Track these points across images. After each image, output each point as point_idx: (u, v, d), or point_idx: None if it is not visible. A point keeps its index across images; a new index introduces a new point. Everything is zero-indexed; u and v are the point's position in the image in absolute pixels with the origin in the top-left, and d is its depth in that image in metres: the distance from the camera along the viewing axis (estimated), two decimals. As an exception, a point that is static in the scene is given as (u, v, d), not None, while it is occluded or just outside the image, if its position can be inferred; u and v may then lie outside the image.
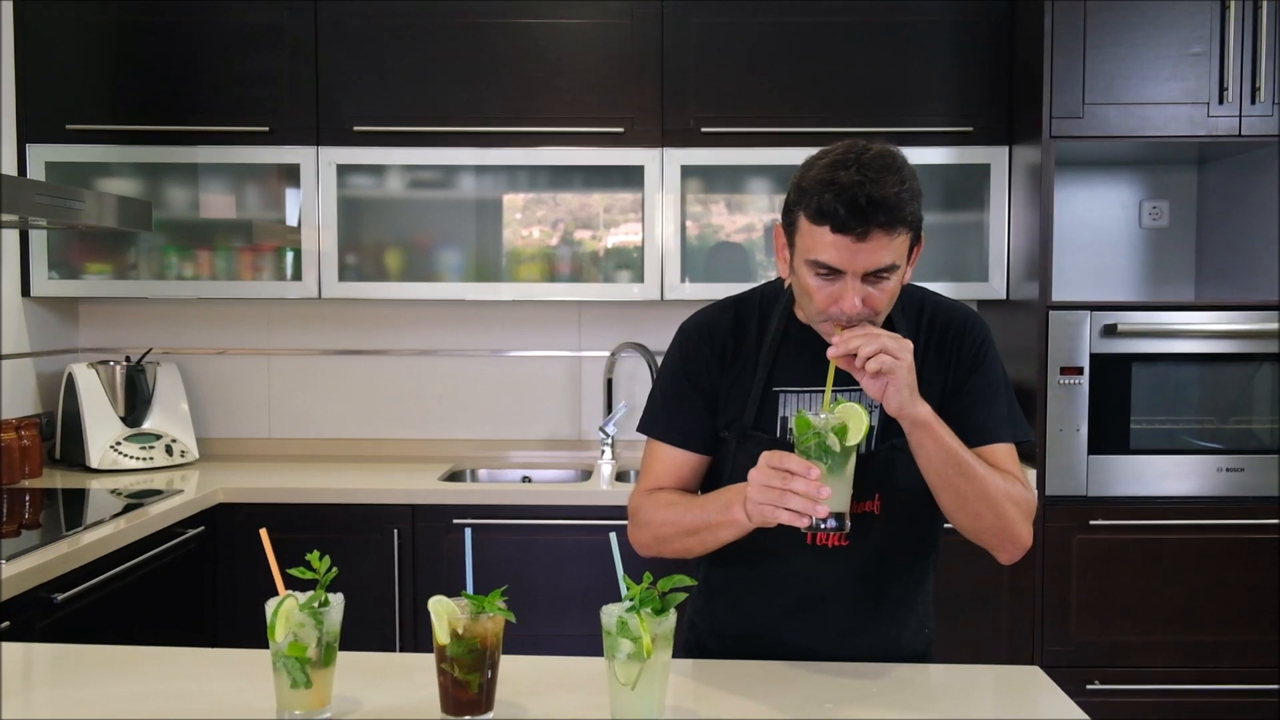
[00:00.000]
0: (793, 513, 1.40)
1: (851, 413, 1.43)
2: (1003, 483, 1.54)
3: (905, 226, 1.47)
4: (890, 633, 1.69)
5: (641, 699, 1.31)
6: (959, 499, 1.52)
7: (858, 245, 1.45)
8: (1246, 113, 3.01)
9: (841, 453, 1.43)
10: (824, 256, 1.47)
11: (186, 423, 3.48)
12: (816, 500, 1.38)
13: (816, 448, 1.42)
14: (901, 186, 1.44)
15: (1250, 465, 3.04)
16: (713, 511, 1.54)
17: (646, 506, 1.67)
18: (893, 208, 1.43)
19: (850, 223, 1.43)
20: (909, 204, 1.46)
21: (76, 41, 3.29)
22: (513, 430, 3.68)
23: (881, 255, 1.46)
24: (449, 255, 3.40)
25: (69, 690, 1.52)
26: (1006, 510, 1.54)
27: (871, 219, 1.43)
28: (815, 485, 1.38)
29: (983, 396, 1.63)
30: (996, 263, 3.30)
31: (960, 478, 1.50)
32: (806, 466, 1.39)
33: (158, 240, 3.37)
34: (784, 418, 1.64)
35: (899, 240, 1.47)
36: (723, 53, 3.28)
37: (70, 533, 2.42)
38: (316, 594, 1.32)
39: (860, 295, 1.48)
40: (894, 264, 1.48)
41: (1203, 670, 3.05)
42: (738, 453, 1.65)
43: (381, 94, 3.29)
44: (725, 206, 3.44)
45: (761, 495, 1.42)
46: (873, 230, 1.44)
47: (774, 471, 1.41)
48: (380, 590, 3.01)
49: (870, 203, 1.42)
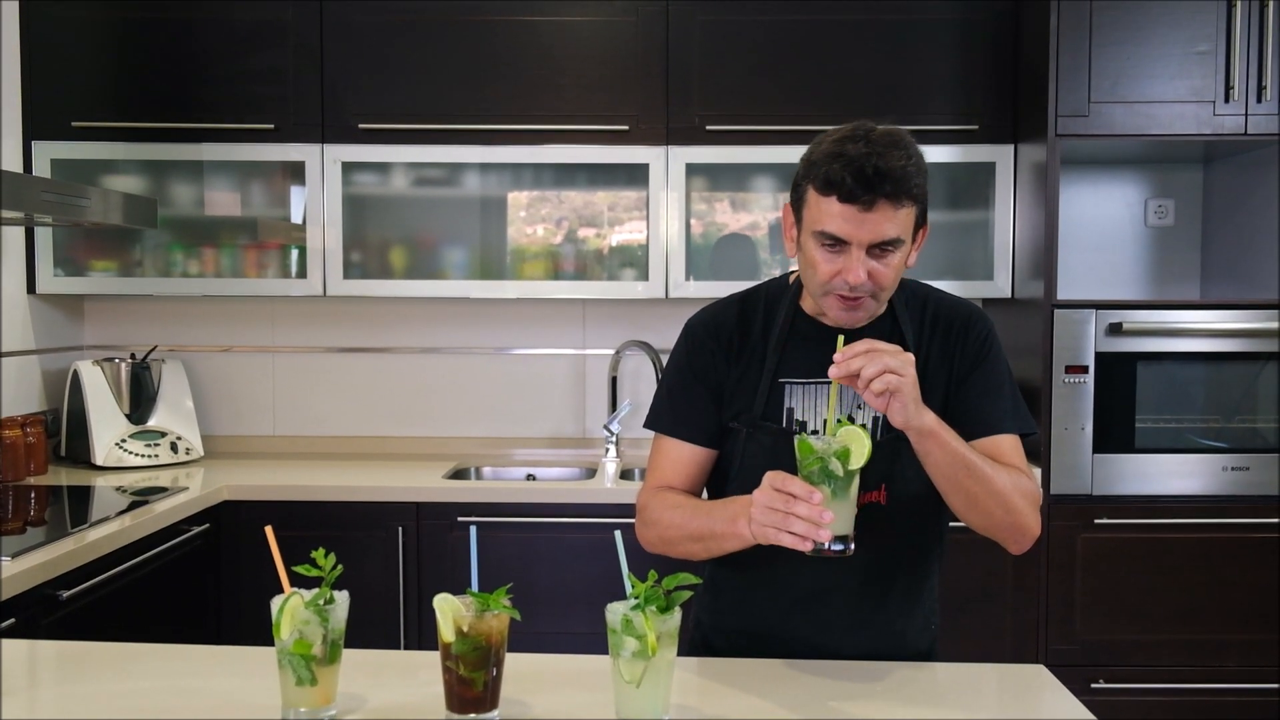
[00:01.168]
0: (796, 536, 1.40)
1: (854, 436, 1.42)
2: (1010, 478, 1.54)
3: (910, 199, 1.50)
4: (896, 626, 1.69)
5: (646, 697, 1.31)
6: (969, 500, 1.53)
7: (864, 216, 1.48)
8: (1252, 111, 3.00)
9: (844, 477, 1.42)
10: (830, 227, 1.50)
11: (191, 420, 3.48)
12: (819, 524, 1.38)
13: (819, 472, 1.42)
14: (908, 160, 1.48)
15: (1255, 464, 3.03)
16: (719, 521, 1.54)
17: (654, 505, 1.67)
18: (899, 179, 1.47)
19: (857, 191, 1.47)
20: (914, 177, 1.49)
21: (82, 39, 3.29)
22: (517, 428, 3.68)
23: (886, 227, 1.49)
24: (454, 253, 3.40)
25: (74, 686, 1.52)
26: (1016, 504, 1.54)
27: (878, 189, 1.46)
28: (818, 510, 1.38)
29: (987, 390, 1.64)
30: (1001, 261, 3.30)
31: (969, 479, 1.51)
32: (809, 491, 1.39)
33: (163, 238, 3.38)
34: (790, 408, 1.65)
35: (904, 213, 1.50)
36: (727, 51, 3.27)
37: (75, 530, 2.42)
38: (322, 591, 1.32)
39: (865, 268, 1.51)
40: (898, 238, 1.51)
41: (1208, 669, 3.05)
42: (748, 442, 1.66)
43: (387, 92, 3.29)
44: (730, 204, 3.44)
45: (765, 517, 1.42)
46: (879, 200, 1.47)
47: (777, 494, 1.41)
48: (385, 588, 3.02)
49: (877, 173, 1.46)
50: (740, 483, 1.67)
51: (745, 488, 1.65)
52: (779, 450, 1.62)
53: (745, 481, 1.66)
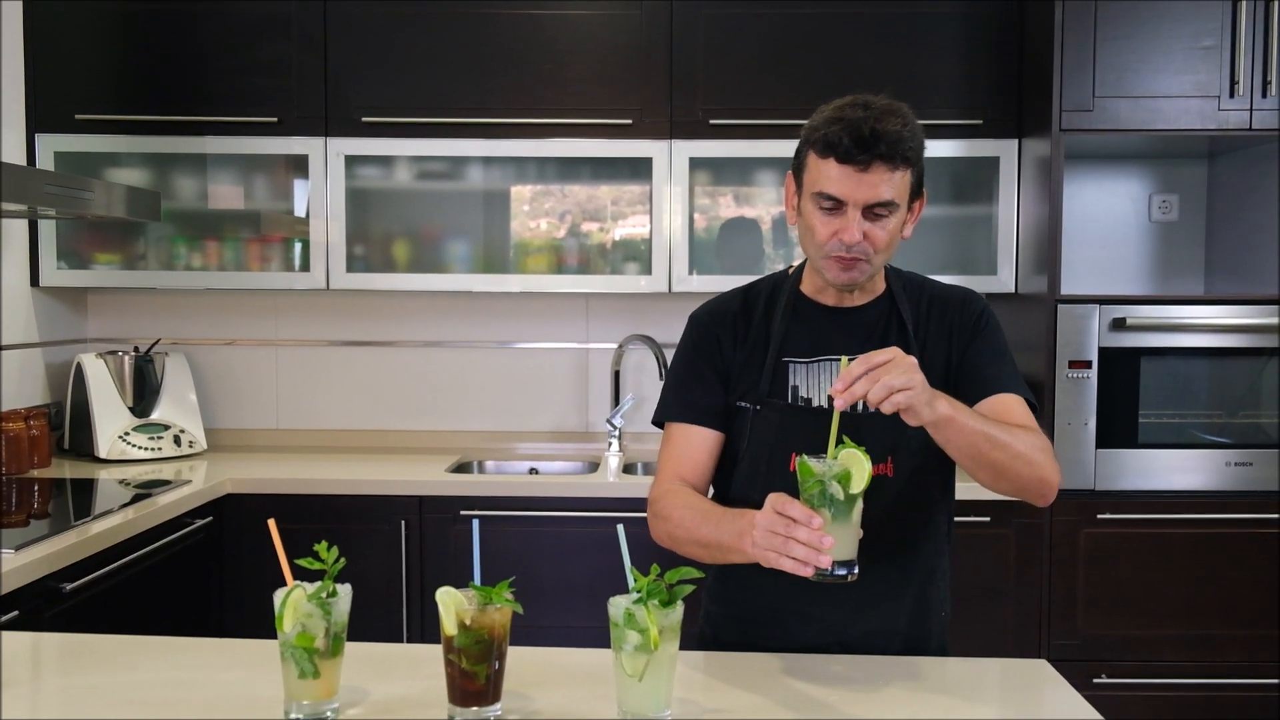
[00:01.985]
0: (796, 561, 1.38)
1: (854, 459, 1.40)
2: (1025, 436, 1.56)
3: (905, 163, 1.56)
4: (905, 603, 1.70)
5: (648, 691, 1.31)
6: (995, 469, 1.54)
7: (860, 176, 1.54)
8: (1257, 106, 2.99)
9: (845, 500, 1.39)
10: (829, 188, 1.57)
11: (195, 413, 3.49)
12: (819, 550, 1.36)
13: (819, 495, 1.40)
14: (903, 126, 1.55)
15: (1258, 459, 3.03)
16: (726, 533, 1.53)
17: (666, 500, 1.67)
18: (894, 141, 1.53)
19: (854, 152, 1.53)
20: (910, 140, 1.55)
21: (85, 31, 3.29)
22: (520, 422, 3.68)
23: (882, 189, 1.55)
24: (457, 246, 3.40)
25: (78, 679, 1.53)
26: (1037, 459, 1.56)
27: (873, 149, 1.53)
28: (818, 535, 1.36)
29: (990, 357, 1.69)
30: (1005, 256, 3.29)
31: (992, 450, 1.51)
32: (809, 515, 1.37)
33: (166, 230, 3.38)
34: (794, 386, 1.69)
35: (899, 176, 1.56)
36: (731, 45, 3.27)
37: (79, 522, 2.43)
38: (325, 585, 1.33)
39: (861, 229, 1.57)
40: (893, 200, 1.57)
41: (1210, 664, 3.04)
42: (755, 420, 1.69)
43: (390, 85, 3.29)
44: (733, 199, 3.44)
45: (765, 541, 1.41)
46: (875, 161, 1.54)
47: (778, 518, 1.39)
48: (387, 581, 3.02)
49: (874, 134, 1.52)
50: (749, 461, 1.70)
51: (754, 466, 1.68)
52: (786, 426, 1.66)
53: (753, 460, 1.69)
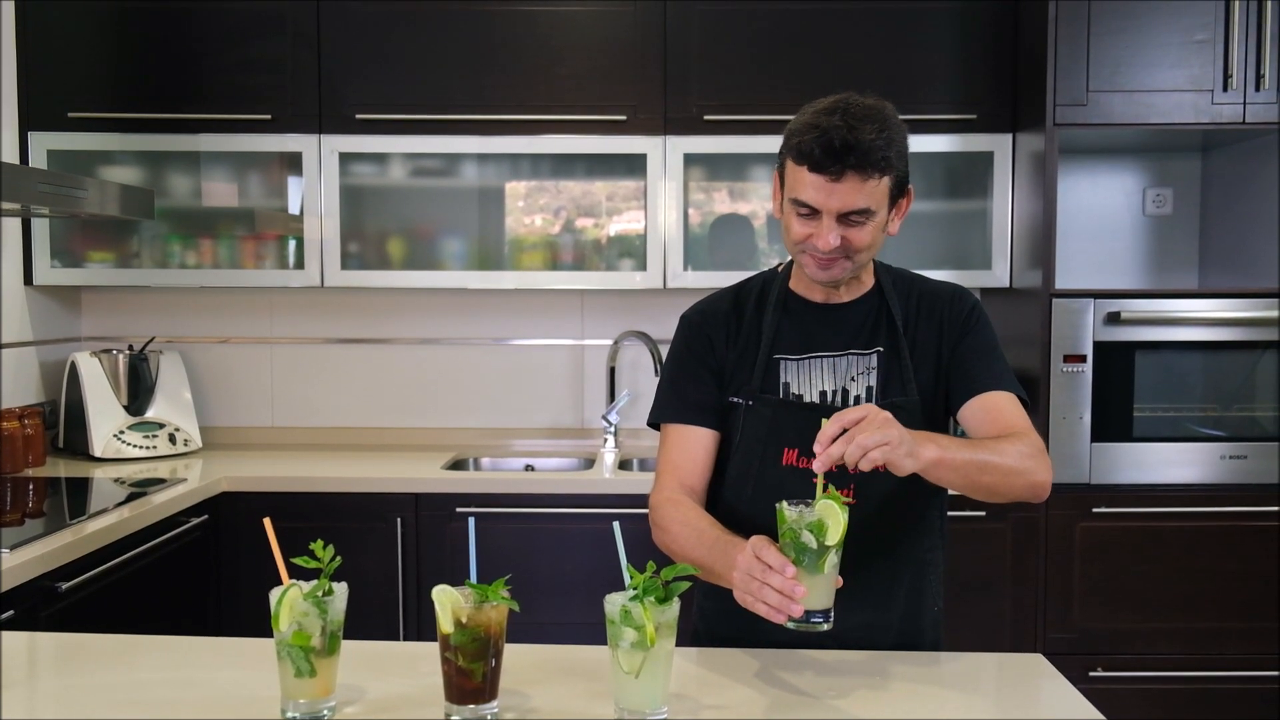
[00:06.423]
0: (770, 607, 1.36)
1: (830, 511, 1.38)
2: (1014, 448, 1.55)
3: (879, 172, 1.55)
4: (898, 596, 1.70)
5: (645, 688, 1.31)
6: (988, 490, 1.55)
7: (833, 186, 1.54)
8: (1251, 100, 3.00)
9: (818, 550, 1.38)
10: (803, 195, 1.57)
11: (189, 411, 3.48)
12: (792, 598, 1.34)
13: (793, 544, 1.38)
14: (879, 135, 1.53)
15: (1253, 453, 3.04)
16: (718, 560, 1.52)
17: (666, 511, 1.67)
18: (865, 152, 1.52)
19: (825, 163, 1.53)
20: (883, 150, 1.53)
21: (78, 29, 3.28)
22: (515, 419, 3.68)
23: (855, 198, 1.55)
24: (451, 243, 3.40)
25: (73, 679, 1.52)
26: (1028, 467, 1.56)
27: (844, 160, 1.52)
28: (790, 583, 1.34)
29: (981, 354, 1.69)
30: (1000, 250, 3.29)
31: (983, 475, 1.52)
32: (783, 563, 1.35)
33: (160, 229, 3.37)
34: (785, 383, 1.70)
35: (873, 184, 1.55)
36: (726, 40, 3.26)
37: (74, 521, 2.43)
38: (321, 583, 1.33)
39: (837, 235, 1.57)
40: (868, 208, 1.56)
41: (1205, 657, 3.05)
42: (748, 414, 1.70)
43: (384, 82, 3.28)
44: (728, 194, 3.44)
45: (743, 584, 1.39)
46: (846, 172, 1.53)
47: (756, 562, 1.38)
48: (384, 579, 3.02)
49: (844, 146, 1.51)
50: (741, 456, 1.71)
51: (746, 461, 1.69)
52: (779, 421, 1.67)
53: (746, 455, 1.70)
